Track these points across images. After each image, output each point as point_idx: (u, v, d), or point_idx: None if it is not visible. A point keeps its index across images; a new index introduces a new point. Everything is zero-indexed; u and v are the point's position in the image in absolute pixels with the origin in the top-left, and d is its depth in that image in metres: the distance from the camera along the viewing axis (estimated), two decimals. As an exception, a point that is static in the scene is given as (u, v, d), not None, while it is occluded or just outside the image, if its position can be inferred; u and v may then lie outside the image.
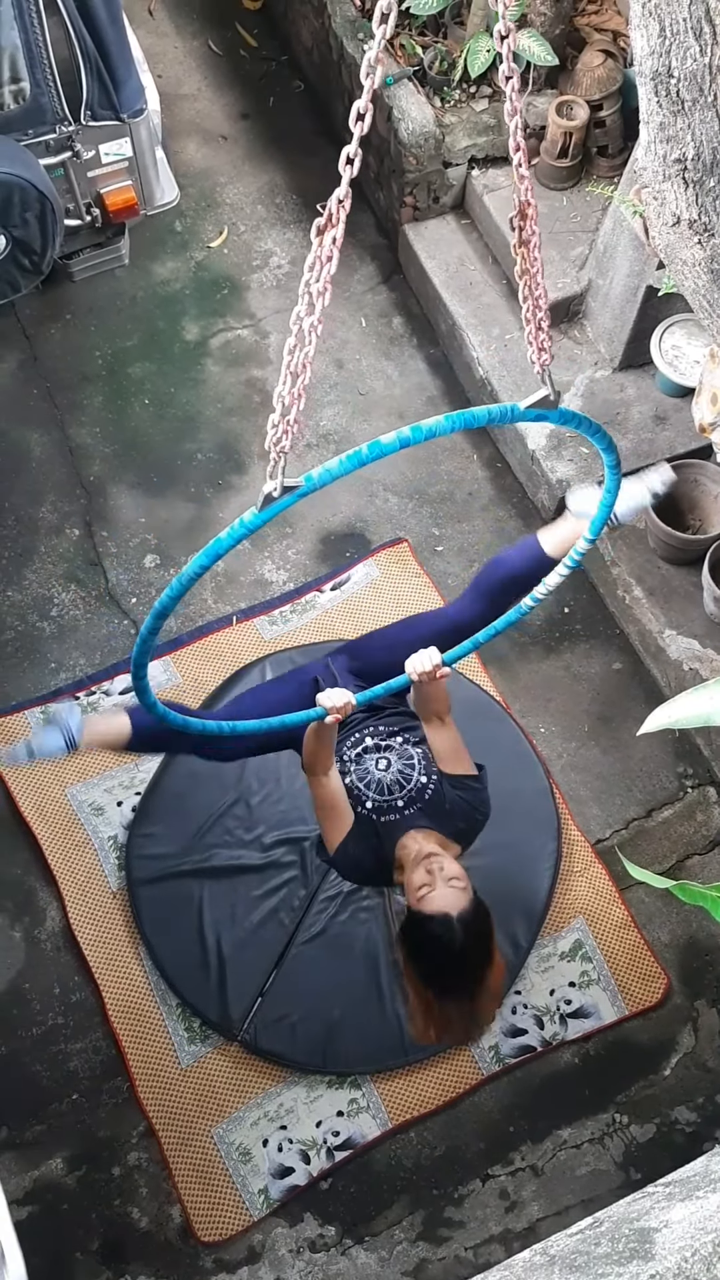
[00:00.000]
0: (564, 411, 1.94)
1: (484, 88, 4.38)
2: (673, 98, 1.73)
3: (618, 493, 2.34)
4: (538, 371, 1.97)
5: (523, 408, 1.91)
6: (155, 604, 1.94)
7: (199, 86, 5.04)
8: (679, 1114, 3.64)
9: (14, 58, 3.48)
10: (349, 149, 1.60)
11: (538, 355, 1.98)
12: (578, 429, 2.00)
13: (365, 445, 1.73)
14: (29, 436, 4.37)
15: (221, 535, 1.79)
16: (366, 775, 2.84)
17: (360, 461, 1.73)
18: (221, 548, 1.81)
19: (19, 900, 3.76)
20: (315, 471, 1.73)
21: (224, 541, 1.80)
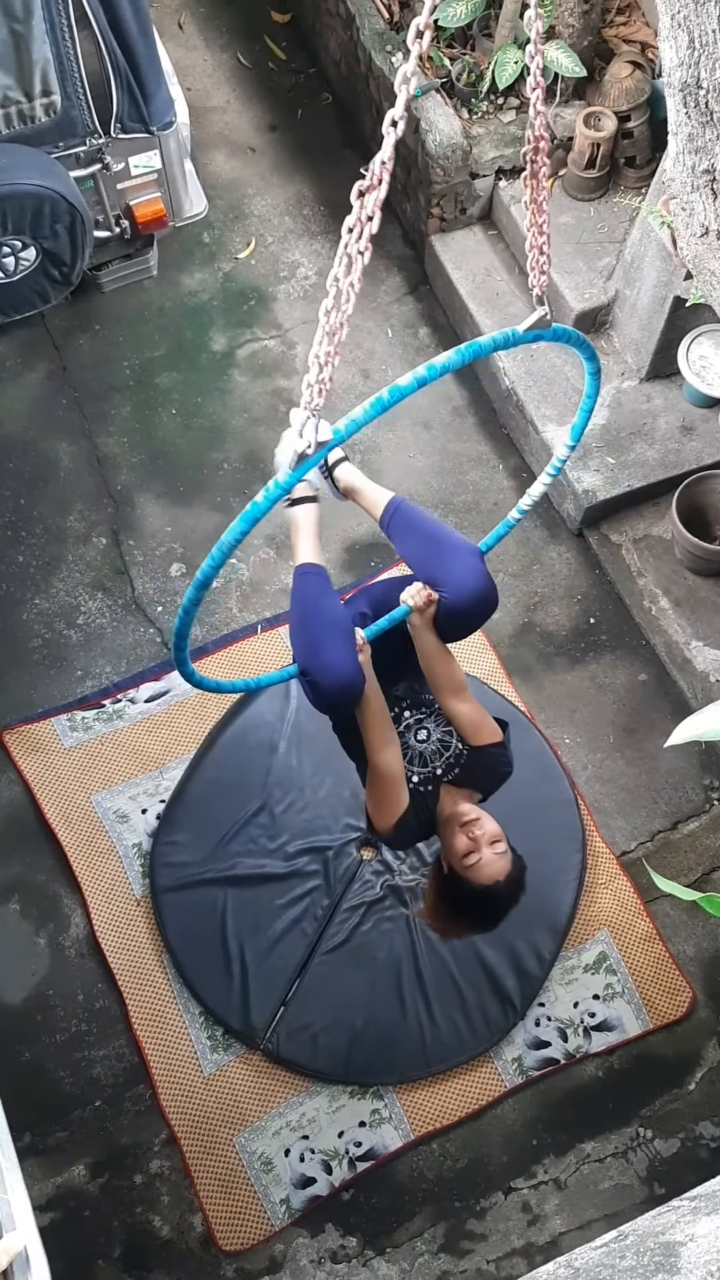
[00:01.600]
0: (557, 329, 2.04)
1: (511, 99, 4.39)
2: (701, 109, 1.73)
3: (596, 398, 2.45)
4: (537, 294, 2.06)
5: (521, 330, 1.98)
6: (198, 573, 1.96)
7: (228, 99, 5.07)
8: (704, 1129, 3.61)
9: (45, 71, 3.51)
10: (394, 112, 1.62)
11: (538, 278, 2.07)
12: (567, 342, 2.12)
13: (385, 390, 1.77)
14: (57, 446, 4.40)
15: (257, 499, 1.80)
16: (409, 750, 2.82)
17: (383, 406, 1.76)
18: (259, 511, 1.83)
19: (44, 907, 3.77)
20: (341, 423, 1.74)
21: (260, 505, 1.82)
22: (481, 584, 2.63)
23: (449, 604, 2.64)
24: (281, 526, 4.31)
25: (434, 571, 2.67)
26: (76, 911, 3.76)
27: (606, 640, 4.19)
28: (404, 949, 3.68)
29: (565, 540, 4.34)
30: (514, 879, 2.75)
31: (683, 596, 4.04)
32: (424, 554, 2.73)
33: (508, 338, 1.90)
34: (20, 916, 3.76)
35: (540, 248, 2.02)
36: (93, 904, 3.73)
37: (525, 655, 4.16)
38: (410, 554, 2.78)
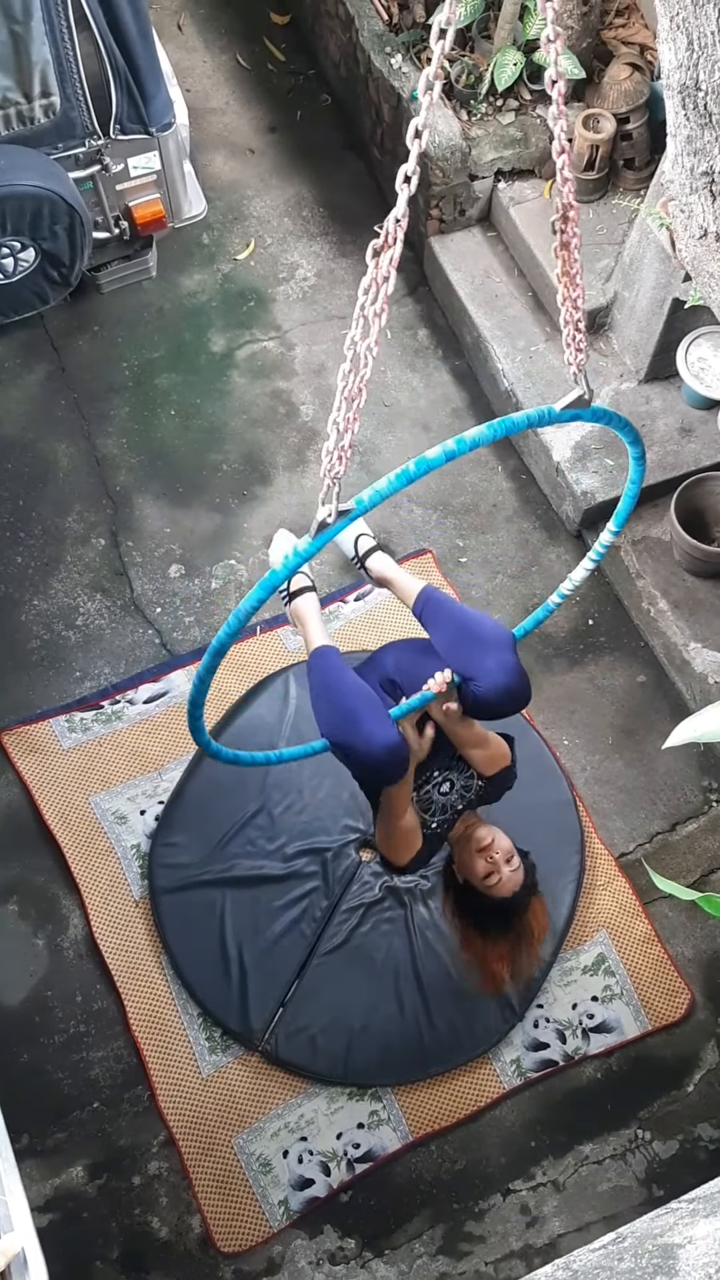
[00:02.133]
0: (596, 409, 1.99)
1: (510, 101, 4.39)
2: (700, 111, 1.73)
3: (640, 484, 2.42)
4: (575, 371, 2.01)
5: (558, 409, 1.94)
6: (212, 642, 1.97)
7: (227, 100, 5.08)
8: (702, 1130, 3.61)
9: (45, 72, 3.52)
10: (406, 167, 1.61)
11: (575, 356, 2.03)
12: (609, 424, 2.06)
13: (412, 462, 1.75)
14: (56, 447, 4.40)
15: (276, 568, 1.80)
16: (433, 804, 2.95)
17: (409, 479, 1.75)
18: (277, 579, 1.83)
19: (42, 908, 3.77)
20: (365, 494, 1.73)
21: (278, 574, 1.81)
22: (514, 681, 2.66)
23: (480, 696, 2.67)
24: (281, 526, 4.31)
25: (467, 665, 2.70)
26: (75, 913, 3.76)
27: (605, 642, 4.19)
28: (402, 950, 3.68)
29: (564, 542, 4.34)
30: (529, 886, 2.96)
31: (681, 598, 4.04)
32: (458, 645, 2.76)
33: (543, 415, 1.89)
34: (19, 917, 3.76)
35: (576, 324, 1.99)
36: (91, 905, 3.73)
37: (524, 657, 4.15)
38: (444, 643, 2.82)
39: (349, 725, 2.60)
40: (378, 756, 2.60)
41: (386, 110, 4.55)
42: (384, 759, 2.61)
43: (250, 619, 1.92)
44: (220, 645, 1.96)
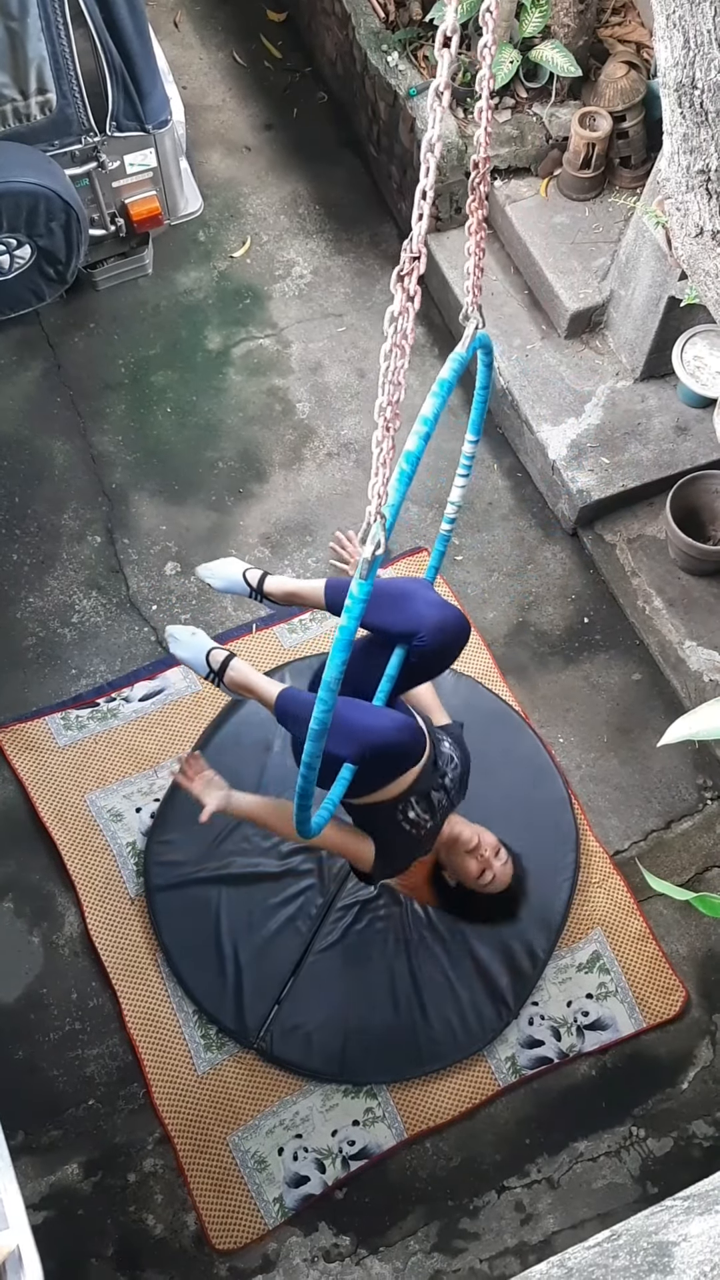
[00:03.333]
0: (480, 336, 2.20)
1: (507, 99, 4.39)
2: (696, 109, 1.73)
3: (489, 389, 2.52)
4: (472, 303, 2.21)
5: (464, 351, 2.09)
6: (312, 725, 1.97)
7: (223, 98, 5.07)
8: (697, 1128, 3.61)
9: (41, 69, 3.51)
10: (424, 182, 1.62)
11: (474, 292, 2.21)
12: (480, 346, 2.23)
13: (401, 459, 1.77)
14: (52, 444, 4.40)
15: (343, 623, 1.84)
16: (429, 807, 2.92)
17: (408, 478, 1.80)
18: (348, 635, 1.85)
19: (38, 905, 3.77)
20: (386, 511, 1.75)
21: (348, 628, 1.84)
22: (448, 614, 2.71)
23: (426, 645, 2.68)
24: (277, 523, 4.32)
25: (403, 624, 2.72)
26: (70, 910, 3.76)
27: (600, 640, 4.20)
28: (398, 948, 3.68)
29: (559, 540, 4.34)
30: (520, 877, 3.03)
31: (676, 596, 4.05)
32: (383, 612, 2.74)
33: (462, 361, 1.97)
34: (14, 915, 3.76)
35: (478, 262, 2.15)
36: (86, 903, 3.72)
37: (519, 655, 4.17)
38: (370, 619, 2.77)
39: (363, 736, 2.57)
40: (404, 741, 2.63)
41: (383, 108, 4.54)
42: (410, 738, 2.65)
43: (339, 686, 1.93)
44: (321, 726, 1.98)
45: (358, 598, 1.82)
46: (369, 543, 1.76)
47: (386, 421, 1.75)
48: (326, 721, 1.97)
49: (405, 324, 1.75)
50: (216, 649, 3.02)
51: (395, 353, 1.74)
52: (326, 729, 1.98)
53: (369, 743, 2.55)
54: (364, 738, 2.56)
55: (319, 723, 1.97)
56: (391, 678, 2.77)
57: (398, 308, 1.73)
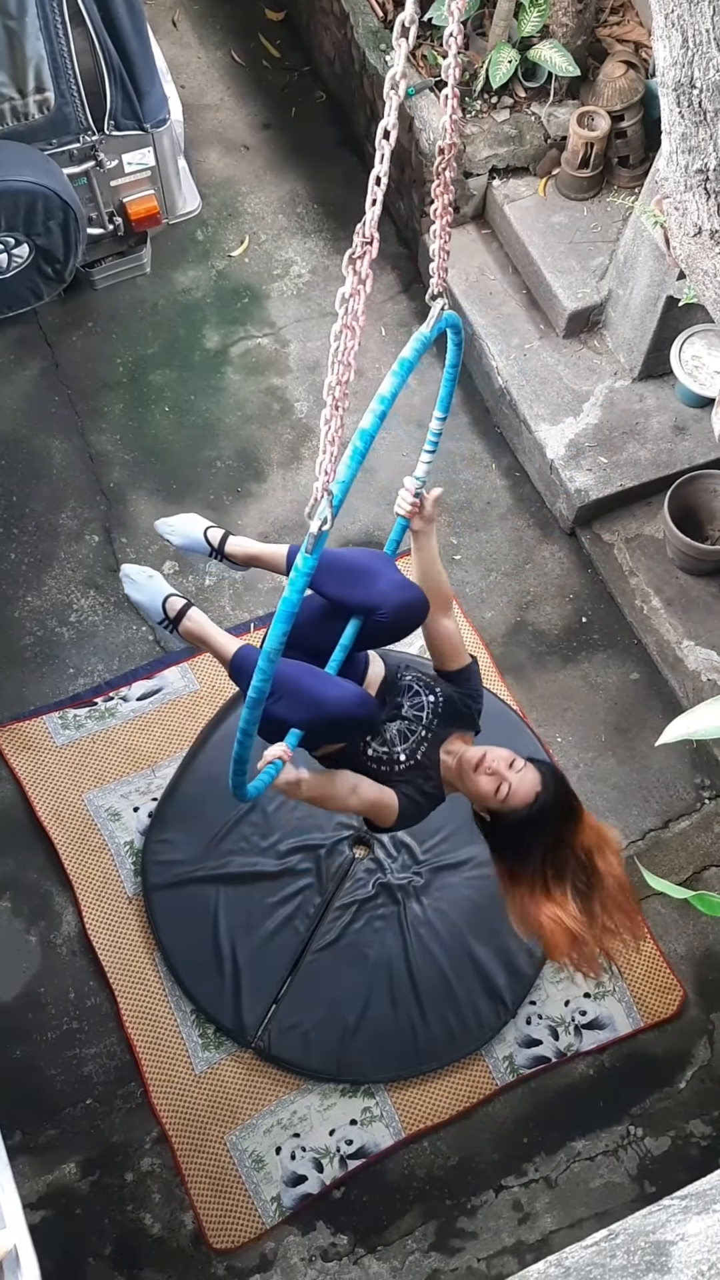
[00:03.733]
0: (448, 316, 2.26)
1: (505, 98, 4.39)
2: (695, 108, 1.73)
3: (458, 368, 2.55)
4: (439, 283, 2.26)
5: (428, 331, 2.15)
6: (249, 694, 1.99)
7: (221, 97, 5.07)
8: (694, 1127, 3.62)
9: (39, 68, 3.51)
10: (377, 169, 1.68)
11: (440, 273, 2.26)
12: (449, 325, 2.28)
13: (355, 436, 1.82)
14: (50, 443, 4.40)
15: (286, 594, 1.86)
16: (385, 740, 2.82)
17: (360, 455, 1.83)
18: (291, 606, 1.87)
19: (35, 905, 3.77)
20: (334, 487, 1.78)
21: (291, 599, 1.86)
22: (410, 594, 2.72)
23: (386, 620, 2.71)
24: (275, 523, 4.32)
25: (365, 599, 2.73)
26: (68, 909, 3.76)
27: (598, 639, 4.20)
28: (396, 947, 3.68)
29: (557, 539, 4.34)
30: (554, 783, 2.70)
31: (674, 596, 4.05)
32: (347, 585, 2.77)
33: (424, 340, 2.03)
34: (12, 914, 3.76)
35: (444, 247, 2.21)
36: (84, 902, 3.72)
37: (517, 654, 4.17)
38: (334, 589, 2.80)
39: (321, 706, 2.59)
40: (360, 715, 2.64)
41: (381, 107, 4.54)
42: (366, 714, 2.66)
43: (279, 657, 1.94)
44: (259, 694, 1.99)
45: (302, 571, 1.85)
46: (315, 519, 1.79)
47: (335, 400, 1.79)
48: (265, 690, 1.99)
49: (356, 305, 1.79)
50: (174, 595, 2.95)
51: (345, 334, 1.80)
52: (264, 698, 2.01)
53: (326, 713, 2.58)
54: (322, 708, 2.58)
55: (257, 691, 2.00)
56: (345, 647, 2.78)
57: (349, 289, 1.77)
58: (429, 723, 2.83)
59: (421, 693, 2.86)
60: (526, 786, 2.65)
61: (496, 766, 2.68)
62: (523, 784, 2.65)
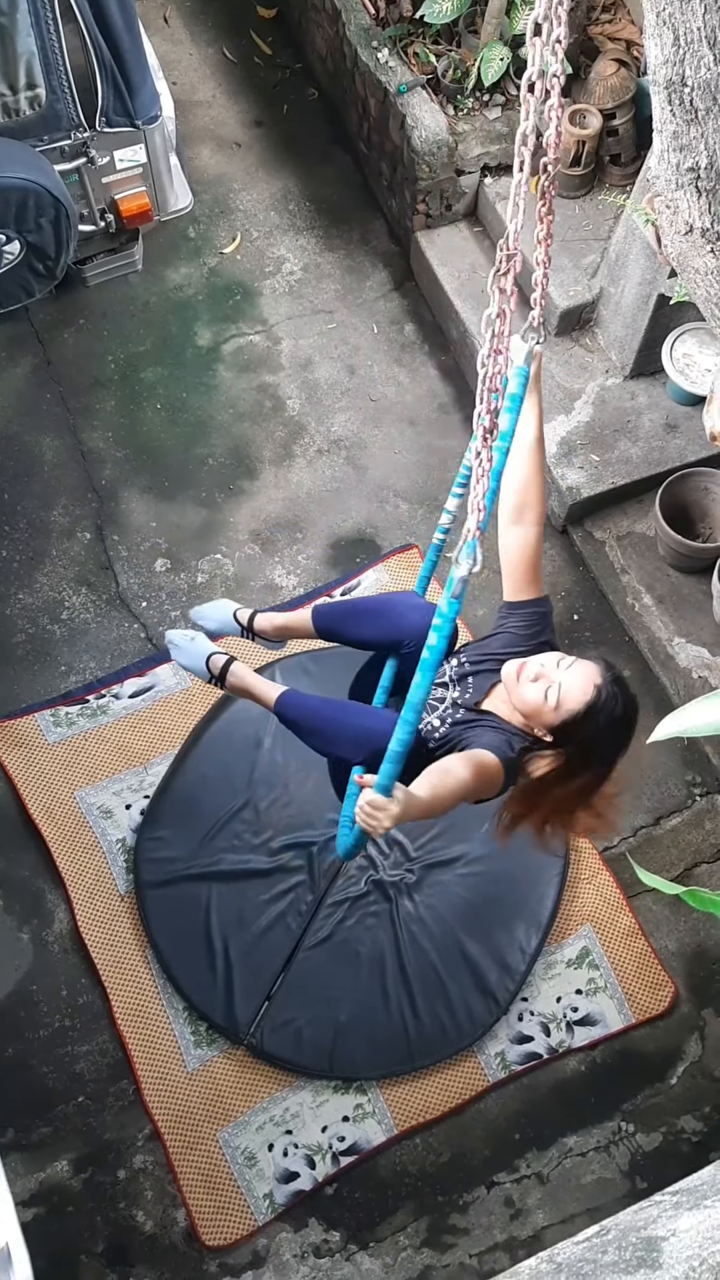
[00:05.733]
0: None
1: (497, 96, 4.39)
2: (686, 106, 1.73)
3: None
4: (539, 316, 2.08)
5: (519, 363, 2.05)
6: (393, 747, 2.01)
7: (213, 94, 5.06)
8: (685, 1123, 3.63)
9: (30, 64, 3.50)
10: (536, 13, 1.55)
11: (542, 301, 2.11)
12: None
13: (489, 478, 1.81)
14: (41, 440, 4.39)
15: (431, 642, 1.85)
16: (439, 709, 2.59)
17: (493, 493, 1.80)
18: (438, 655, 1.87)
19: (27, 902, 3.77)
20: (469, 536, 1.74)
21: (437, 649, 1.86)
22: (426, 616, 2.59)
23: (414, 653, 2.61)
24: (267, 520, 4.31)
25: (399, 635, 2.72)
26: (60, 907, 3.75)
27: (590, 636, 4.20)
28: (388, 944, 3.69)
29: (549, 537, 4.35)
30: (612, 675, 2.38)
31: (665, 593, 4.06)
32: (380, 626, 2.76)
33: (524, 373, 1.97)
34: (3, 912, 3.75)
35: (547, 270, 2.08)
36: (76, 899, 3.72)
37: (509, 651, 4.17)
38: (369, 632, 2.79)
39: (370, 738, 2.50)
40: None
41: (373, 104, 4.54)
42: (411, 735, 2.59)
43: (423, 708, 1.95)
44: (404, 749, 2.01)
45: (448, 616, 1.83)
46: (464, 560, 1.75)
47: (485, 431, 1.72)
48: (408, 743, 1.99)
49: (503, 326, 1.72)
50: (217, 653, 2.98)
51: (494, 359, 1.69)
52: (408, 749, 2.01)
53: (376, 747, 2.43)
54: (372, 743, 2.50)
55: (401, 744, 2.00)
56: (386, 689, 2.79)
57: (495, 309, 1.70)
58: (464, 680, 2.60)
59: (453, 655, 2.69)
60: (578, 683, 2.32)
61: (537, 671, 2.36)
62: (575, 682, 2.32)
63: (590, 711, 2.34)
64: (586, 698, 2.33)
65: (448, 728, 2.55)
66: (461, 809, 3.74)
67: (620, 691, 2.37)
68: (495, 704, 2.54)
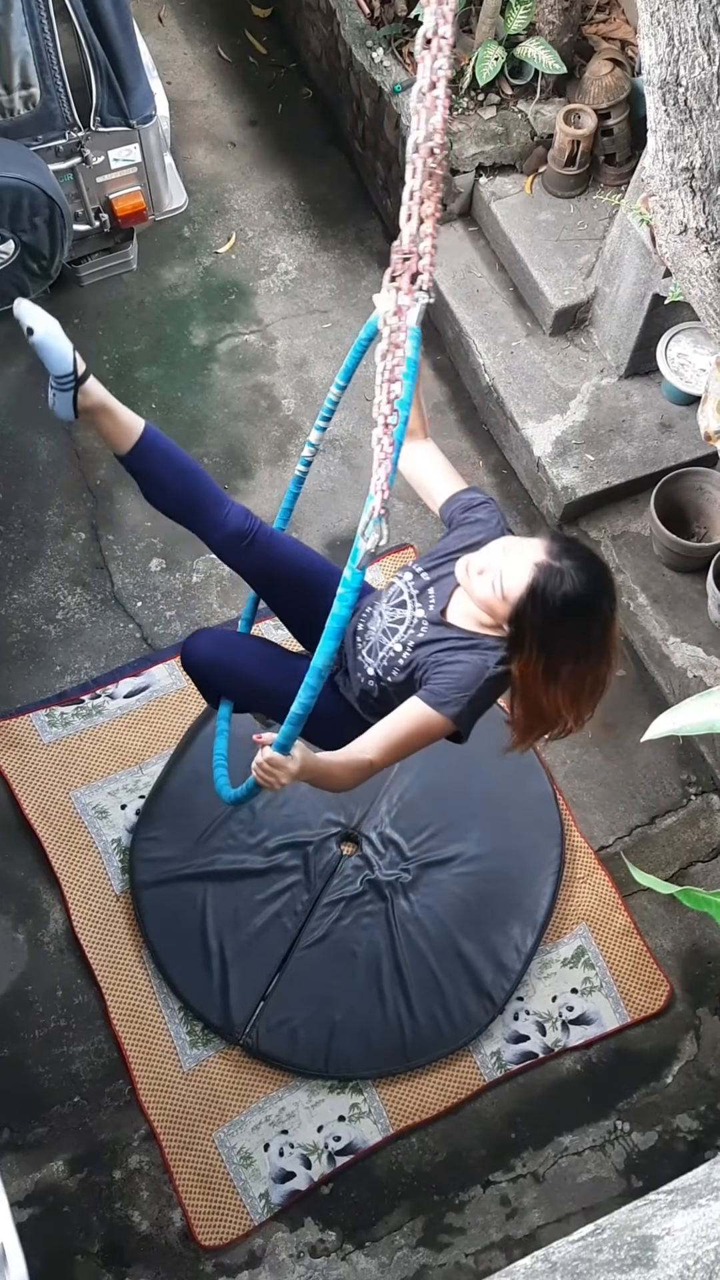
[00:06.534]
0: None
1: (491, 96, 4.39)
2: (680, 106, 1.74)
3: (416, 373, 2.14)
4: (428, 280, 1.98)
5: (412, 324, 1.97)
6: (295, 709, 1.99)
7: (208, 93, 5.06)
8: (681, 1121, 3.63)
9: (24, 63, 3.50)
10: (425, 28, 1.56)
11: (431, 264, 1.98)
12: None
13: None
14: (36, 440, 4.38)
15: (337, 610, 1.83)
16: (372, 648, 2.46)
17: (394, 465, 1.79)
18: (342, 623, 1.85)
19: (22, 902, 3.76)
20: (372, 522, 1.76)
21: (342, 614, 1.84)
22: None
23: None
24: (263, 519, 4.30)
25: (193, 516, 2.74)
26: (55, 907, 3.75)
27: (585, 636, 4.21)
28: (383, 943, 3.69)
29: (544, 537, 4.34)
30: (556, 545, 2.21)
31: (661, 593, 4.06)
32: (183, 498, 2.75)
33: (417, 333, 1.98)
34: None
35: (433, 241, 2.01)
36: (72, 900, 3.72)
37: (505, 651, 4.17)
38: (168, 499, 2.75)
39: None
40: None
41: (368, 104, 4.54)
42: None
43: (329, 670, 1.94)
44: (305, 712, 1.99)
45: (351, 585, 1.82)
46: (370, 536, 1.77)
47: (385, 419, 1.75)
48: (309, 706, 1.97)
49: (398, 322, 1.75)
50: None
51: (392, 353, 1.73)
52: (309, 713, 1.98)
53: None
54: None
55: (302, 708, 1.96)
56: None
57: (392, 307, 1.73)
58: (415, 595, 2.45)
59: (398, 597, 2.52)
60: (520, 562, 2.15)
61: (486, 561, 2.20)
62: (514, 562, 2.15)
63: (533, 595, 2.16)
64: (526, 580, 2.16)
65: (410, 651, 2.38)
66: (460, 809, 3.78)
67: (572, 566, 2.16)
68: (458, 613, 2.35)
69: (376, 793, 3.84)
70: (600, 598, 2.21)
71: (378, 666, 2.49)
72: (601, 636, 2.25)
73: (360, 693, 2.57)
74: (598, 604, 2.21)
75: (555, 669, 2.23)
